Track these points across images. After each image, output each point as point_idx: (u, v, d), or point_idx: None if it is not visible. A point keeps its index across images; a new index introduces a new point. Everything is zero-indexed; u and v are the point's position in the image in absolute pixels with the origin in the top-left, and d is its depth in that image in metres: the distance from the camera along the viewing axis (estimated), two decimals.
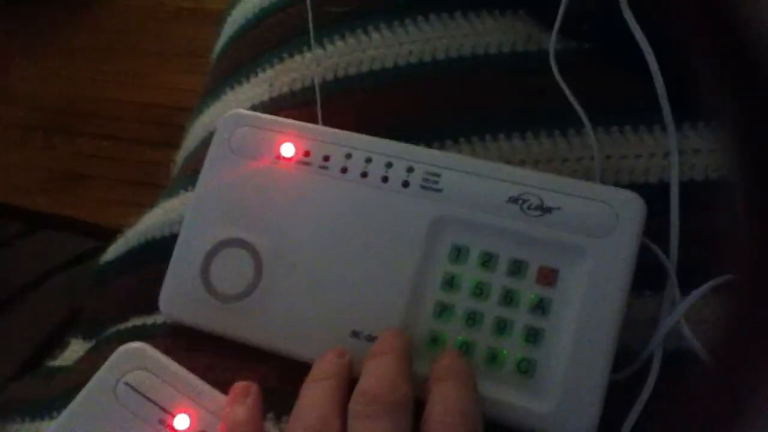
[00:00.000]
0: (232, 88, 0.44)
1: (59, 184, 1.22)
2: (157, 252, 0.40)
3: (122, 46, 1.36)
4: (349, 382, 0.30)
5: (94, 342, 0.42)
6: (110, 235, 0.47)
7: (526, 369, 0.32)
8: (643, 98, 0.36)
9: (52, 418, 0.36)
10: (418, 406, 0.29)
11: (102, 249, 0.47)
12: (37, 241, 1.14)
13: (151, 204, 0.45)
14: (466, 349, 0.33)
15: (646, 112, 0.36)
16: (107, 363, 0.31)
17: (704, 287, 0.33)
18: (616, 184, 0.35)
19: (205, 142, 0.42)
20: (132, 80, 1.31)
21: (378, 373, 0.29)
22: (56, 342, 0.49)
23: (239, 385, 0.31)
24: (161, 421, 0.29)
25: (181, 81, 1.27)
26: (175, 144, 0.50)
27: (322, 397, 0.29)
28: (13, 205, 1.19)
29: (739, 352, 0.17)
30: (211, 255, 0.36)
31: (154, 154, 1.18)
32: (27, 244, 1.14)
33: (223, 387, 0.33)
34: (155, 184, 0.46)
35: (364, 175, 0.35)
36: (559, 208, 0.33)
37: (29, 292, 1.07)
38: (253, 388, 0.31)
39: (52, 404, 0.37)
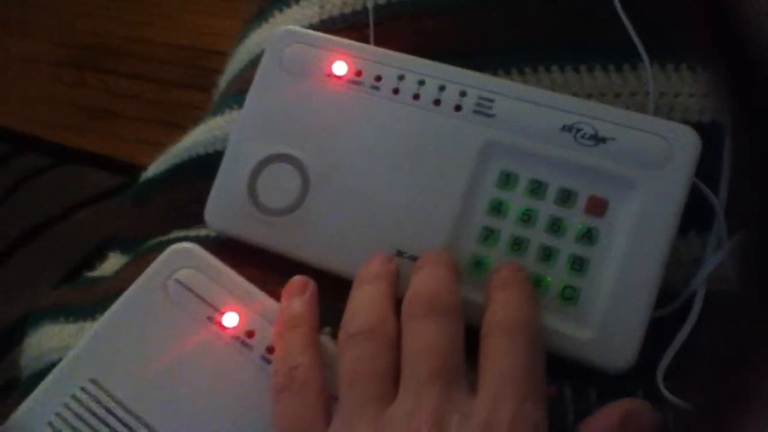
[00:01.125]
0: (280, 10, 0.43)
1: (87, 121, 1.22)
2: (201, 168, 0.40)
3: None
4: (397, 288, 0.31)
5: (133, 255, 0.42)
6: (135, 172, 0.47)
7: (570, 296, 0.32)
8: (703, 37, 0.35)
9: (94, 320, 0.37)
10: None
11: (127, 186, 0.47)
12: (65, 175, 1.16)
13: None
14: None
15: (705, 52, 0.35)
16: (157, 260, 0.31)
17: (750, 229, 0.33)
18: None
19: (252, 64, 0.42)
20: (163, 21, 1.30)
21: (428, 280, 0.29)
22: (90, 263, 0.49)
23: (296, 279, 0.31)
24: (210, 318, 0.30)
25: (212, 24, 1.26)
26: (202, 86, 0.50)
27: (376, 298, 0.29)
28: (42, 139, 1.20)
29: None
30: (258, 169, 0.36)
31: (182, 95, 1.18)
32: (54, 177, 1.16)
33: None
34: (181, 126, 0.47)
35: (416, 97, 0.35)
36: (613, 139, 0.32)
37: (57, 224, 1.09)
38: (311, 284, 0.31)
39: (94, 308, 0.37)
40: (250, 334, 0.30)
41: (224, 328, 0.30)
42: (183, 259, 0.31)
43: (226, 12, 1.21)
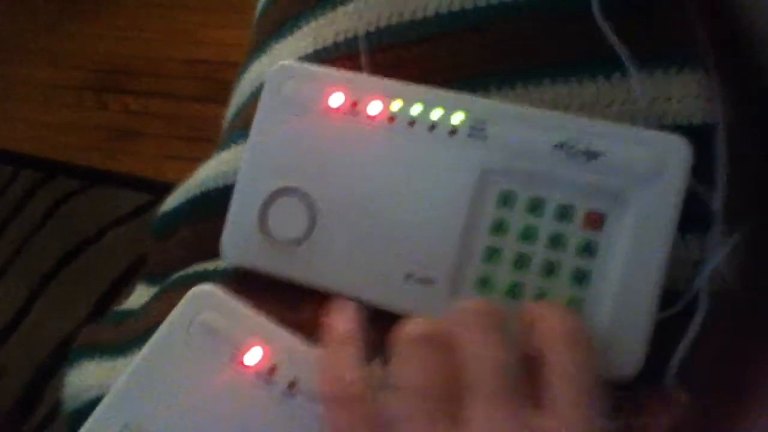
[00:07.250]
0: (277, 41, 0.45)
1: (113, 142, 1.26)
2: (213, 203, 0.42)
3: (167, 3, 1.37)
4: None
5: (158, 288, 0.44)
6: (163, 189, 0.49)
7: (574, 309, 0.33)
8: (688, 39, 0.35)
9: (126, 357, 0.39)
10: None
11: (156, 203, 0.49)
12: (96, 197, 1.19)
13: (204, 157, 0.47)
14: (514, 291, 0.34)
15: (691, 53, 0.36)
16: (180, 305, 0.33)
17: (746, 228, 0.33)
18: (660, 127, 0.35)
19: (254, 97, 0.44)
20: (177, 37, 1.32)
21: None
22: (121, 289, 0.51)
23: (338, 301, 0.32)
24: (233, 357, 0.31)
25: (226, 36, 1.28)
26: (221, 99, 0.52)
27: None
28: (71, 163, 1.23)
29: None
30: (267, 203, 0.37)
31: (202, 108, 1.20)
32: (86, 199, 1.19)
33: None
34: (203, 139, 0.48)
35: (411, 123, 0.36)
36: (605, 154, 0.33)
37: (91, 246, 1.12)
38: (352, 303, 0.32)
39: (126, 346, 0.40)
40: (272, 370, 0.31)
41: (246, 366, 0.31)
42: (203, 301, 0.33)
43: (240, 24, 1.22)
